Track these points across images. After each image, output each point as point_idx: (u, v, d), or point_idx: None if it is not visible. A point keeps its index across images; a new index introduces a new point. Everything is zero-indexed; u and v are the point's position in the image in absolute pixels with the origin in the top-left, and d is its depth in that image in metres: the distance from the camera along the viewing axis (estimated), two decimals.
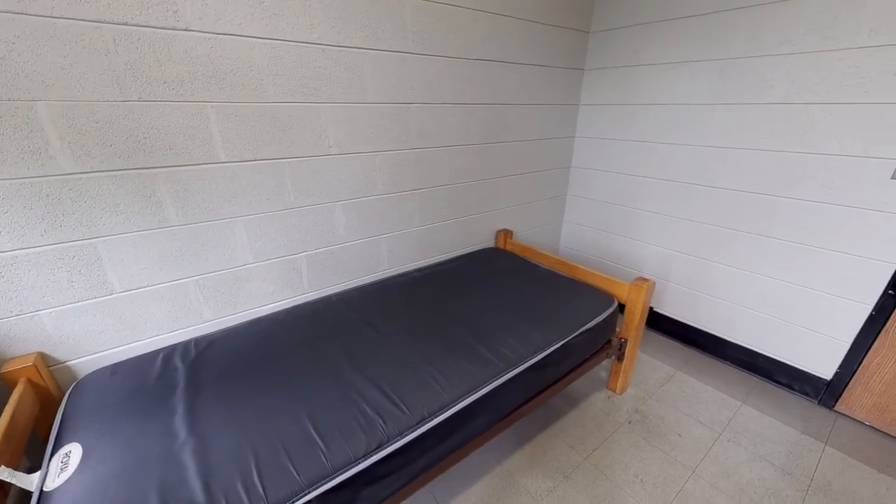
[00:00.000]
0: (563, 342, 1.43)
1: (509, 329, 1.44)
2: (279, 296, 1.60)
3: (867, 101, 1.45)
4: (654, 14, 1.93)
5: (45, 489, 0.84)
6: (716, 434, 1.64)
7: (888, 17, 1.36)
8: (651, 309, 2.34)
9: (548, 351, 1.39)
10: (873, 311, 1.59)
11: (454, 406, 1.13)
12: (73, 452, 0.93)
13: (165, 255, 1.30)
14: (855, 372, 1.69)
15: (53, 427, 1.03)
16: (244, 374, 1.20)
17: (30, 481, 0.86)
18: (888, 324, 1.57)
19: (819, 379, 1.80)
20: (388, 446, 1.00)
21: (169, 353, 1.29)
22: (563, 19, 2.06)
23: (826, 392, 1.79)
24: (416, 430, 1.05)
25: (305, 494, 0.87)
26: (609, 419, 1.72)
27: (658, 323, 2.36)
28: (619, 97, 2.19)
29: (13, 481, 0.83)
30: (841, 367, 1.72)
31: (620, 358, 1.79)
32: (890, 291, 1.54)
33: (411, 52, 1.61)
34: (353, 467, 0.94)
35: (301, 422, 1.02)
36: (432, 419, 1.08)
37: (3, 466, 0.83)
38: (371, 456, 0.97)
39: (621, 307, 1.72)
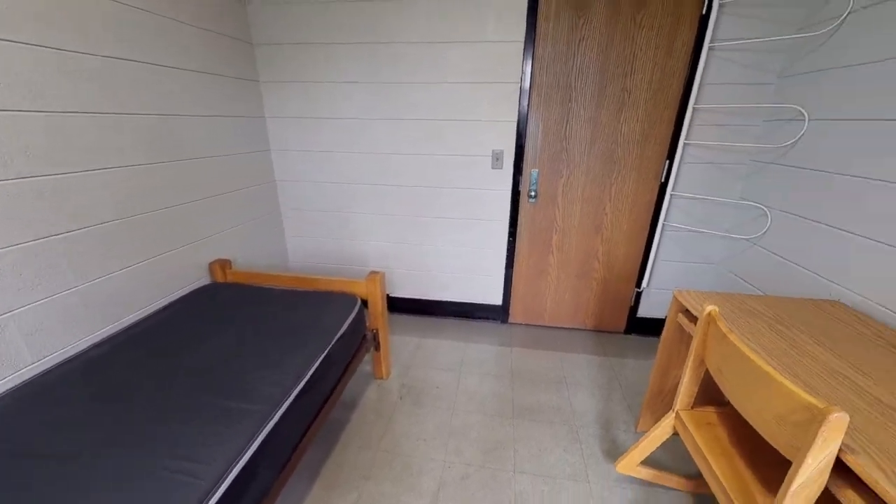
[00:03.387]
0: (323, 355, 1.40)
1: (261, 365, 1.26)
2: None
3: (465, 118, 2.18)
4: (315, 36, 2.12)
5: None
6: (457, 374, 2.09)
7: (464, 64, 2.08)
8: (388, 296, 2.66)
9: (312, 369, 1.32)
10: (507, 253, 2.45)
11: (221, 486, 0.89)
12: None
13: None
14: (510, 294, 2.56)
15: None
16: None
17: None
18: (514, 259, 2.47)
19: (497, 306, 2.61)
20: None
21: None
22: (213, 24, 1.89)
23: (502, 313, 2.63)
24: None
25: None
26: (384, 404, 1.85)
27: (397, 305, 2.71)
28: (301, 110, 2.29)
29: None
30: (503, 294, 2.57)
31: (377, 347, 1.94)
32: (510, 238, 2.42)
33: None
34: None
35: None
36: None
37: None
38: None
39: (365, 303, 1.85)
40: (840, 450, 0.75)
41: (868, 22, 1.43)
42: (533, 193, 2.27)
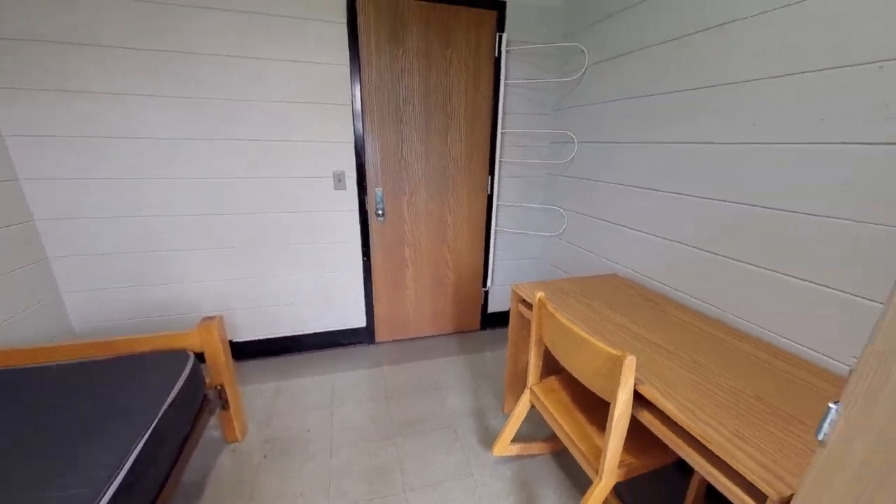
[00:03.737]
0: (148, 433, 1.11)
1: (48, 472, 0.92)
2: None
3: (299, 139, 2.09)
4: (81, 34, 1.68)
5: None
6: (329, 409, 1.94)
7: (291, 83, 1.99)
8: (232, 342, 2.27)
9: (132, 457, 1.03)
10: (363, 273, 2.43)
11: None
12: None
13: None
14: (373, 314, 2.54)
15: None
16: None
17: None
18: (372, 277, 2.47)
19: (362, 328, 2.55)
20: None
21: None
22: None
23: (367, 335, 2.57)
24: None
25: None
26: (246, 468, 1.56)
27: (246, 351, 2.34)
28: (68, 128, 1.76)
29: None
30: (366, 315, 2.52)
31: (225, 406, 1.63)
32: (364, 258, 2.40)
33: None
34: None
35: None
36: None
37: None
38: None
39: (202, 357, 1.55)
40: (635, 383, 1.02)
41: (596, 74, 2.01)
42: (380, 212, 2.32)
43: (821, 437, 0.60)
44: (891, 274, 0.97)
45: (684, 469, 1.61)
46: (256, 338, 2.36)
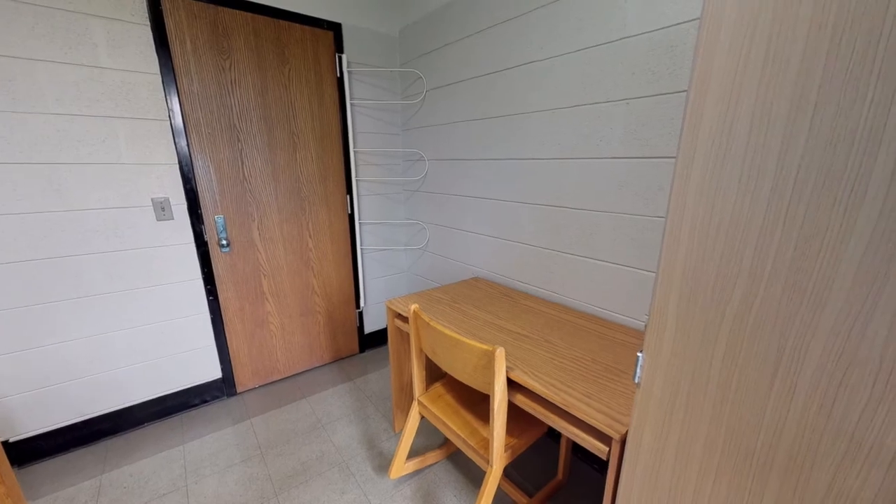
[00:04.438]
0: None
1: None
2: None
3: (97, 161, 1.67)
4: None
5: None
6: (184, 491, 1.58)
7: (73, 92, 1.58)
8: (6, 443, 1.64)
9: None
10: (211, 315, 2.07)
11: None
12: None
13: None
14: (230, 361, 2.18)
15: None
16: None
17: None
18: (223, 318, 2.13)
19: (217, 381, 2.16)
20: None
21: None
22: None
23: (226, 386, 2.20)
24: None
25: None
26: None
27: (34, 450, 1.72)
28: None
29: None
30: (222, 363, 2.15)
31: None
32: (210, 297, 2.06)
33: None
34: None
35: None
36: None
37: None
38: None
39: None
40: (507, 371, 1.14)
41: (435, 98, 2.20)
42: (225, 242, 2.03)
43: (636, 380, 0.79)
44: (656, 251, 1.34)
45: (554, 435, 1.88)
46: (52, 427, 1.75)
